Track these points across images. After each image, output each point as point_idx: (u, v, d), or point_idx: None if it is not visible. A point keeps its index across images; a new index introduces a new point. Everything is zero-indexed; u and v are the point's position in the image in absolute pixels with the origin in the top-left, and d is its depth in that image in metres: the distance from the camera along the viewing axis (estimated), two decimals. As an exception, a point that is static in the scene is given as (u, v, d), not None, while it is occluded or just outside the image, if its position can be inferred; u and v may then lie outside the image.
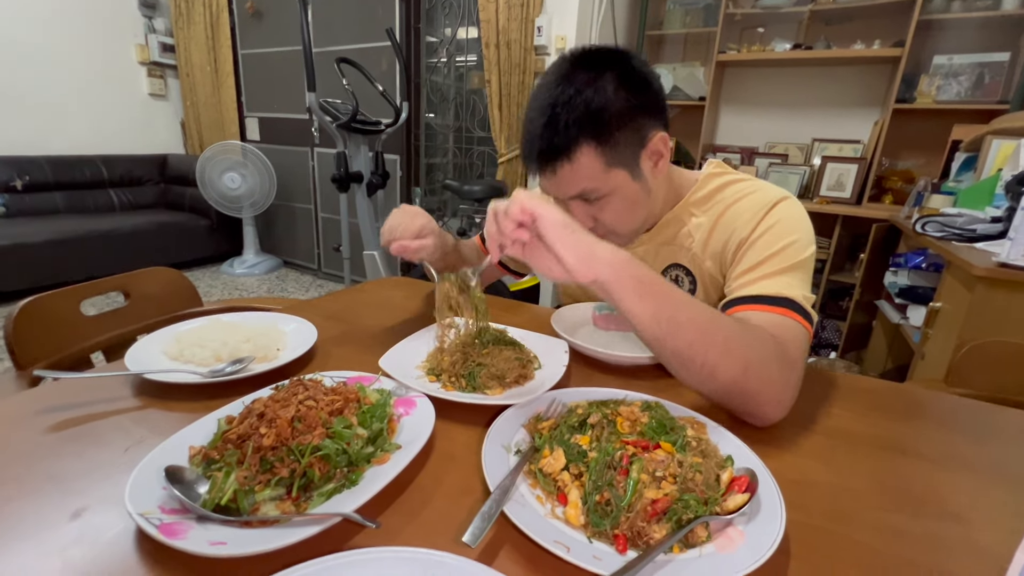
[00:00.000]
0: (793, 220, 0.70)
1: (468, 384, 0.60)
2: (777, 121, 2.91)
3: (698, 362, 0.53)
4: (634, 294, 0.52)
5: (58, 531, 0.38)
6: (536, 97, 0.69)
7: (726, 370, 0.53)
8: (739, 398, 0.55)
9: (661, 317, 0.52)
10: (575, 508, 0.40)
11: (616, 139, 0.66)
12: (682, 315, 0.53)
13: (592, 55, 0.68)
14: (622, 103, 0.65)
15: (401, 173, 3.16)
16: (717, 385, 0.55)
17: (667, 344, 0.53)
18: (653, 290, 0.53)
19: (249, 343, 0.65)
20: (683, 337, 0.53)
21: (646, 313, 0.52)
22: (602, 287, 0.52)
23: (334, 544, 0.38)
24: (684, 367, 0.55)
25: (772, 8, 2.63)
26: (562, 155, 0.66)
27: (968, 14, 2.26)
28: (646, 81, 0.68)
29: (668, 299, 0.53)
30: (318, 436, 0.43)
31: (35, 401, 0.56)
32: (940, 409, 0.63)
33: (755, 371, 0.54)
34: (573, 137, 0.65)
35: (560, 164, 0.67)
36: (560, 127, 0.65)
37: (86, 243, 3.09)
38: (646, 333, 0.54)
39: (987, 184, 1.72)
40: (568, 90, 0.65)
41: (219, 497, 0.39)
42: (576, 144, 0.65)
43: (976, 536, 0.42)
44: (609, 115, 0.65)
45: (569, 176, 0.68)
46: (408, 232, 0.75)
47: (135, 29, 3.83)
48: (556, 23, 2.50)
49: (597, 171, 0.68)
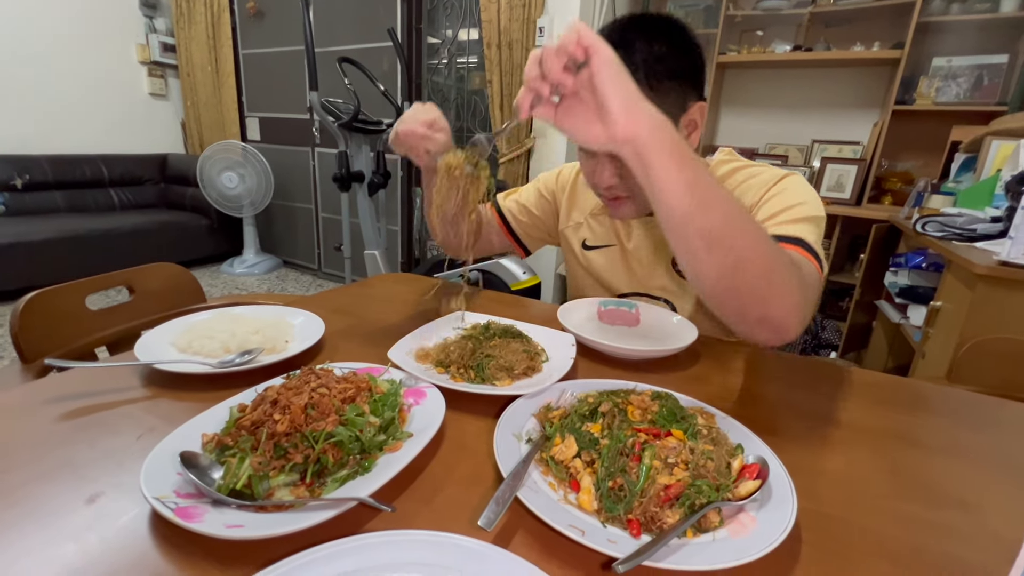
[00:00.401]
0: (801, 188, 0.73)
1: (477, 375, 0.60)
2: (777, 122, 2.93)
3: (726, 245, 0.49)
4: (672, 158, 0.47)
5: (74, 516, 0.38)
6: None
7: (753, 262, 0.50)
8: (759, 300, 0.52)
9: (696, 189, 0.48)
10: (588, 494, 0.41)
11: (665, 91, 0.67)
12: (714, 194, 0.49)
13: (646, 17, 0.70)
14: (674, 60, 0.67)
15: (402, 173, 3.17)
16: (739, 279, 0.51)
17: (696, 220, 0.49)
18: (690, 161, 0.48)
19: (258, 335, 0.66)
20: (714, 216, 0.49)
21: (681, 182, 0.48)
22: (640, 146, 0.47)
23: (349, 529, 0.38)
24: (708, 250, 0.50)
25: (772, 10, 2.64)
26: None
27: (967, 16, 2.28)
28: (695, 48, 0.70)
29: (703, 174, 0.49)
30: (331, 423, 0.43)
31: (45, 391, 0.56)
32: (945, 402, 0.64)
33: (779, 274, 0.51)
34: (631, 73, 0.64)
35: None
36: (625, 39, 0.66)
37: (86, 242, 3.09)
38: (676, 205, 0.49)
39: (987, 184, 1.73)
40: (627, 35, 0.66)
41: (234, 482, 0.39)
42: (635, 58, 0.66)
43: (986, 523, 0.43)
44: (663, 66, 0.66)
45: None
46: (417, 120, 0.68)
47: (136, 29, 3.83)
48: (558, 24, 2.50)
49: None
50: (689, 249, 0.51)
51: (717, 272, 0.51)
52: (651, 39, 0.67)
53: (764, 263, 0.51)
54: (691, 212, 0.49)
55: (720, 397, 0.61)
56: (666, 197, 0.49)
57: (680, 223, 0.50)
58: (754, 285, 0.51)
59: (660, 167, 0.48)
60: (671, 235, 0.52)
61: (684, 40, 0.69)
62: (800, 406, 0.62)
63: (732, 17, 2.68)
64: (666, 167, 0.48)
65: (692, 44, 0.70)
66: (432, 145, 0.68)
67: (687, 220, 0.49)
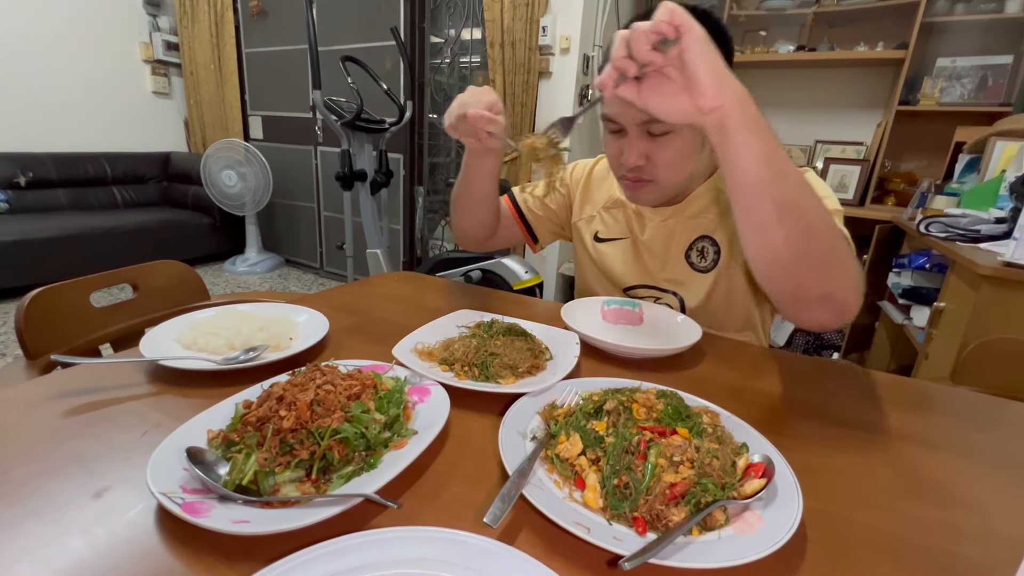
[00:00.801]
0: (819, 183, 0.74)
1: (481, 374, 0.60)
2: (780, 122, 2.92)
3: (796, 213, 0.52)
4: (753, 129, 0.50)
5: (81, 510, 0.38)
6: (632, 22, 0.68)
7: (820, 231, 0.53)
8: (824, 271, 0.54)
9: (773, 159, 0.51)
10: (593, 492, 0.41)
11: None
12: (786, 164, 0.52)
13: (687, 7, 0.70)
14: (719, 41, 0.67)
15: (404, 172, 3.17)
16: (808, 246, 0.53)
17: (771, 188, 0.52)
18: (768, 132, 0.52)
19: (262, 332, 0.66)
20: (788, 184, 0.52)
21: (760, 152, 0.51)
22: (726, 115, 0.50)
23: (355, 525, 0.38)
24: (780, 218, 0.52)
25: (776, 10, 2.64)
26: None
27: (972, 16, 2.27)
28: (729, 42, 0.71)
29: (777, 145, 0.52)
30: (337, 420, 0.43)
31: (50, 386, 0.56)
32: (950, 402, 0.64)
33: (841, 246, 0.54)
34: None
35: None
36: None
37: (89, 240, 3.10)
38: (754, 174, 0.51)
39: (991, 185, 1.73)
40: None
41: (240, 478, 0.39)
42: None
43: (992, 523, 0.43)
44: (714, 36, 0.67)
45: None
46: (482, 103, 0.69)
47: (139, 27, 3.84)
48: (561, 23, 2.50)
49: None
50: (760, 218, 0.54)
51: (785, 239, 0.53)
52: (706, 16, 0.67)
53: (829, 233, 0.53)
54: (767, 180, 0.51)
55: (724, 396, 0.61)
56: (744, 164, 0.51)
57: (755, 191, 0.52)
58: (820, 254, 0.54)
59: (742, 136, 0.50)
60: (743, 203, 0.55)
61: (719, 32, 0.69)
62: (804, 405, 0.61)
63: (736, 17, 2.68)
64: (747, 136, 0.50)
65: (727, 37, 0.71)
66: (496, 128, 0.69)
67: (763, 188, 0.52)
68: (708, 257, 0.85)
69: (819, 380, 0.68)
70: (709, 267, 0.85)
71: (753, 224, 0.55)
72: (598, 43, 2.63)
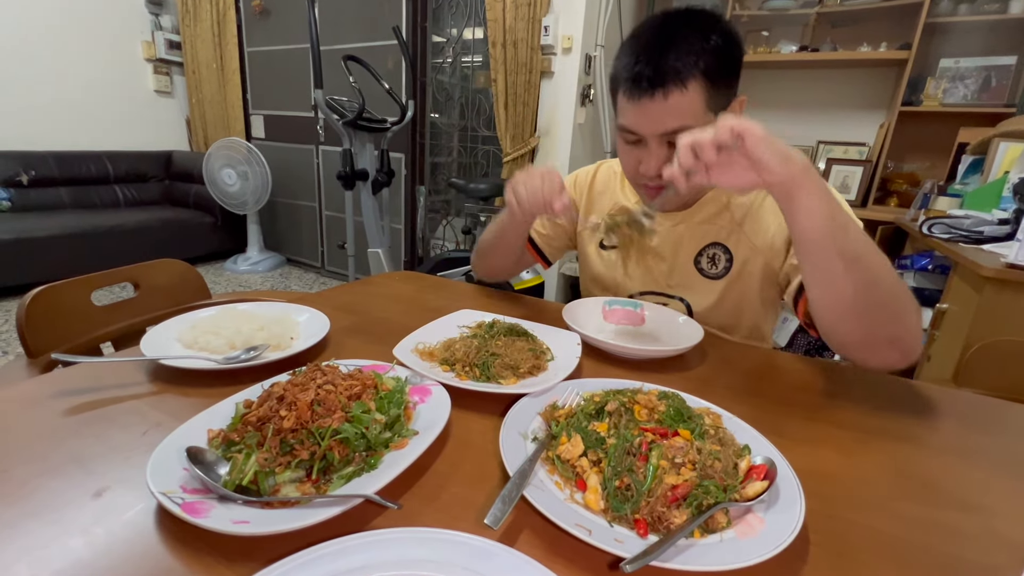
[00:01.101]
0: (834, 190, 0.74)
1: (482, 374, 0.60)
2: (782, 123, 2.91)
3: (863, 264, 0.56)
4: (816, 193, 0.55)
5: (81, 510, 0.38)
6: (641, 34, 0.70)
7: (885, 279, 0.56)
8: (892, 317, 0.58)
9: (836, 217, 0.55)
10: (595, 493, 0.40)
11: (719, 85, 0.68)
12: (850, 224, 0.57)
13: (697, 13, 0.70)
14: (728, 55, 0.68)
15: (406, 171, 3.17)
16: (875, 295, 0.57)
17: (836, 242, 0.56)
18: (828, 191, 0.56)
19: (263, 331, 0.66)
20: (851, 238, 0.56)
21: (823, 212, 0.55)
22: (792, 187, 0.55)
23: (355, 526, 0.38)
24: (847, 269, 0.56)
25: (778, 10, 2.63)
26: (678, 79, 0.66)
27: (975, 17, 2.27)
28: (741, 45, 0.71)
29: (841, 205, 0.57)
30: (337, 420, 0.43)
31: (51, 385, 0.56)
32: (953, 404, 0.63)
33: (905, 292, 0.57)
34: (693, 63, 0.66)
35: (672, 89, 0.67)
36: (683, 51, 0.66)
37: (90, 238, 3.10)
38: (818, 232, 0.56)
39: (994, 186, 1.72)
40: (685, 28, 0.67)
41: (240, 478, 0.39)
42: (692, 73, 0.66)
43: (994, 525, 0.42)
44: (721, 59, 0.67)
45: (676, 105, 0.68)
46: (556, 192, 0.73)
47: (141, 26, 3.84)
48: (563, 23, 2.50)
49: (700, 109, 0.68)
50: (829, 270, 0.58)
51: (854, 289, 0.57)
52: (707, 34, 0.67)
53: (892, 280, 0.58)
54: (832, 236, 0.56)
55: (726, 397, 0.61)
56: (809, 224, 0.56)
57: (822, 247, 0.57)
58: (888, 301, 0.57)
59: (806, 200, 0.55)
60: (812, 259, 0.59)
61: (732, 37, 0.70)
62: (807, 407, 0.61)
63: (738, 17, 2.67)
64: (811, 199, 0.55)
65: (738, 41, 0.71)
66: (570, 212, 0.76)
67: (828, 243, 0.56)
68: (719, 264, 0.84)
69: (821, 381, 0.68)
70: (720, 274, 0.85)
71: (822, 277, 0.59)
72: (600, 43, 2.62)
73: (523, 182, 0.76)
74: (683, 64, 0.66)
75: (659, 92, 0.67)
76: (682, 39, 0.66)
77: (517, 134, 2.70)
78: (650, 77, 0.67)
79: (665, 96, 0.67)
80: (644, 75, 0.67)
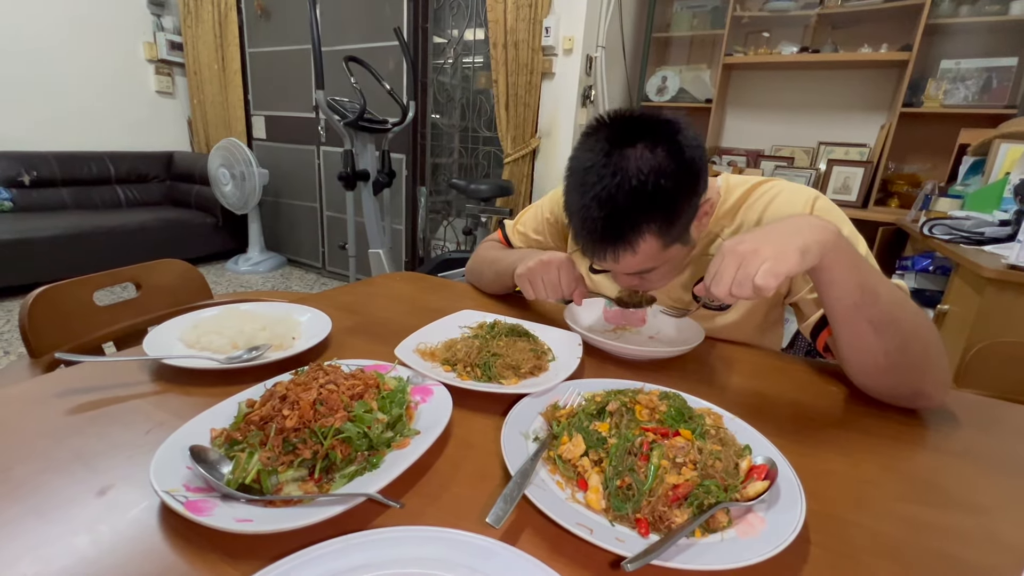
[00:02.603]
0: (837, 212, 0.74)
1: (484, 374, 0.60)
2: (783, 124, 2.91)
3: (892, 328, 0.56)
4: (845, 265, 0.55)
5: (85, 507, 0.38)
6: (584, 182, 0.64)
7: (916, 339, 0.57)
8: (919, 374, 0.58)
9: (865, 285, 0.55)
10: (596, 493, 0.41)
11: (677, 220, 0.65)
12: (881, 287, 0.56)
13: (638, 127, 0.63)
14: (682, 183, 0.63)
15: (407, 172, 3.17)
16: (904, 356, 0.57)
17: (865, 311, 0.56)
18: (856, 261, 0.56)
19: (265, 331, 0.66)
20: (881, 304, 0.56)
21: (852, 282, 0.55)
22: (816, 270, 0.55)
23: (357, 524, 0.38)
24: (877, 334, 0.56)
25: (779, 11, 2.63)
26: (626, 246, 0.64)
27: (976, 18, 2.26)
28: (697, 149, 0.64)
29: (866, 268, 0.57)
30: (340, 419, 0.43)
31: (54, 384, 0.56)
32: (954, 405, 0.63)
33: (935, 347, 0.58)
34: (638, 229, 0.63)
35: (623, 253, 0.65)
36: (625, 221, 0.63)
37: (92, 239, 3.10)
38: (846, 301, 0.56)
39: (995, 188, 1.72)
40: (626, 179, 0.61)
41: (243, 477, 0.39)
42: (640, 235, 0.63)
43: (994, 526, 0.42)
44: (673, 200, 0.63)
45: (630, 262, 0.67)
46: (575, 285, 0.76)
47: (143, 27, 3.85)
48: (564, 24, 2.50)
49: (656, 252, 0.67)
50: (858, 334, 0.58)
51: (884, 352, 0.57)
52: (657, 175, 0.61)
53: (924, 338, 0.58)
54: (861, 304, 0.56)
55: (727, 398, 0.61)
56: (838, 294, 0.56)
57: (852, 315, 0.57)
58: (916, 361, 0.58)
59: (834, 273, 0.55)
60: (842, 326, 0.59)
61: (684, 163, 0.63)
62: (807, 408, 0.61)
63: (739, 18, 2.67)
64: (839, 272, 0.55)
65: (694, 146, 0.64)
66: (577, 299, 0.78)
67: (858, 312, 0.56)
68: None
69: (822, 383, 0.68)
70: (724, 305, 0.83)
71: (853, 342, 0.60)
72: (601, 44, 2.62)
73: (540, 274, 0.76)
74: (629, 232, 0.63)
75: (610, 256, 0.66)
76: (624, 197, 0.61)
77: (518, 135, 2.70)
78: (598, 246, 0.66)
79: (616, 260, 0.66)
80: (592, 246, 0.67)
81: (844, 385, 0.67)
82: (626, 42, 2.85)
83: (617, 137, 0.63)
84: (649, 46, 2.93)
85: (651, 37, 2.91)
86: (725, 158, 2.97)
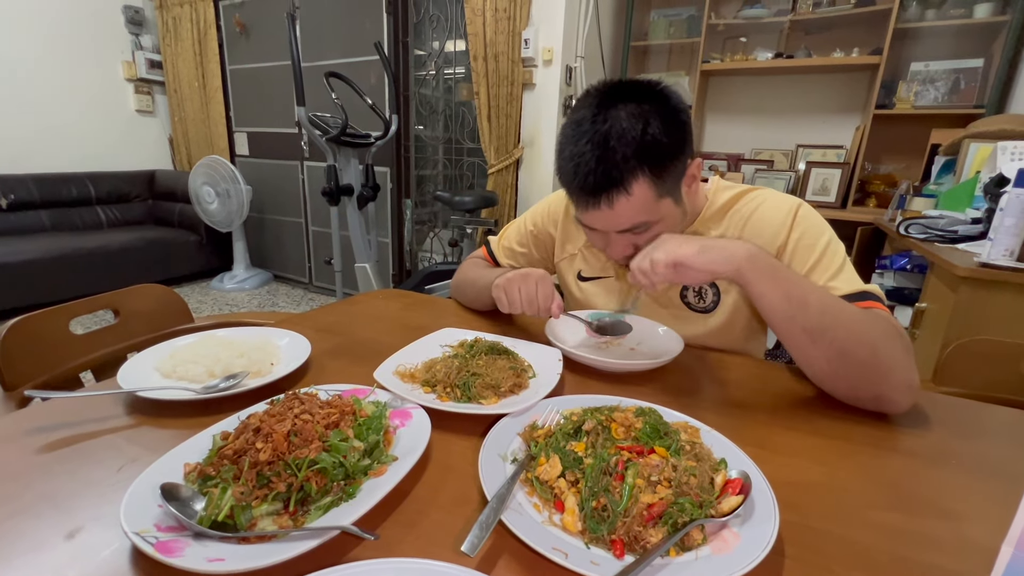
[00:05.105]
0: (817, 219, 0.76)
1: (463, 394, 0.60)
2: (762, 128, 2.96)
3: (828, 337, 0.59)
4: (768, 277, 0.60)
5: (53, 551, 0.37)
6: (577, 132, 0.67)
7: (857, 346, 0.58)
8: (870, 381, 0.59)
9: (792, 296, 0.59)
10: (572, 515, 0.41)
11: (667, 170, 0.67)
12: (811, 296, 0.60)
13: (626, 88, 0.68)
14: (671, 135, 0.66)
15: (392, 185, 3.17)
16: (847, 364, 0.59)
17: (798, 321, 0.59)
18: (783, 272, 0.61)
19: (243, 358, 0.65)
20: (812, 313, 0.59)
21: (778, 293, 0.59)
22: (741, 276, 0.60)
23: (333, 558, 0.37)
24: (814, 343, 0.60)
25: (753, 19, 2.69)
26: (620, 187, 0.65)
27: (942, 22, 2.33)
28: (683, 111, 0.68)
29: (797, 282, 0.61)
30: (315, 450, 0.43)
31: (25, 421, 0.55)
32: (929, 408, 0.65)
33: (884, 351, 0.58)
34: (631, 169, 0.65)
35: (617, 196, 0.66)
36: (618, 159, 0.64)
37: (73, 261, 3.05)
38: (777, 313, 0.60)
39: (966, 186, 1.77)
40: (618, 124, 0.65)
41: (216, 513, 0.39)
42: (634, 176, 0.65)
43: (965, 531, 0.43)
44: (662, 147, 0.65)
45: (625, 209, 0.67)
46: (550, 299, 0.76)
47: (122, 46, 3.82)
48: (543, 35, 2.53)
49: (650, 202, 0.68)
50: (797, 344, 0.62)
51: (825, 359, 0.60)
52: (646, 123, 0.65)
53: (868, 345, 0.58)
54: (792, 315, 0.60)
55: (707, 409, 0.62)
56: (768, 304, 0.61)
57: (785, 324, 0.61)
58: (862, 368, 0.59)
59: (760, 286, 0.60)
60: (781, 336, 0.63)
61: (671, 114, 0.67)
62: (786, 416, 0.62)
63: (715, 26, 2.72)
64: (765, 284, 0.60)
65: (680, 108, 0.68)
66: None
67: (789, 322, 0.60)
68: (707, 298, 0.84)
69: (801, 390, 0.69)
70: (709, 307, 0.84)
71: (795, 352, 0.64)
72: (580, 54, 2.66)
73: (517, 286, 0.77)
74: (621, 171, 0.65)
75: (604, 203, 0.67)
76: (617, 139, 0.64)
77: (501, 145, 2.71)
78: (592, 191, 0.67)
79: (611, 205, 0.67)
80: (584, 190, 0.68)
81: (817, 392, 0.68)
82: (605, 52, 2.89)
83: (607, 98, 0.67)
84: (627, 55, 2.97)
85: (629, 46, 2.95)
86: (706, 162, 3.01)
